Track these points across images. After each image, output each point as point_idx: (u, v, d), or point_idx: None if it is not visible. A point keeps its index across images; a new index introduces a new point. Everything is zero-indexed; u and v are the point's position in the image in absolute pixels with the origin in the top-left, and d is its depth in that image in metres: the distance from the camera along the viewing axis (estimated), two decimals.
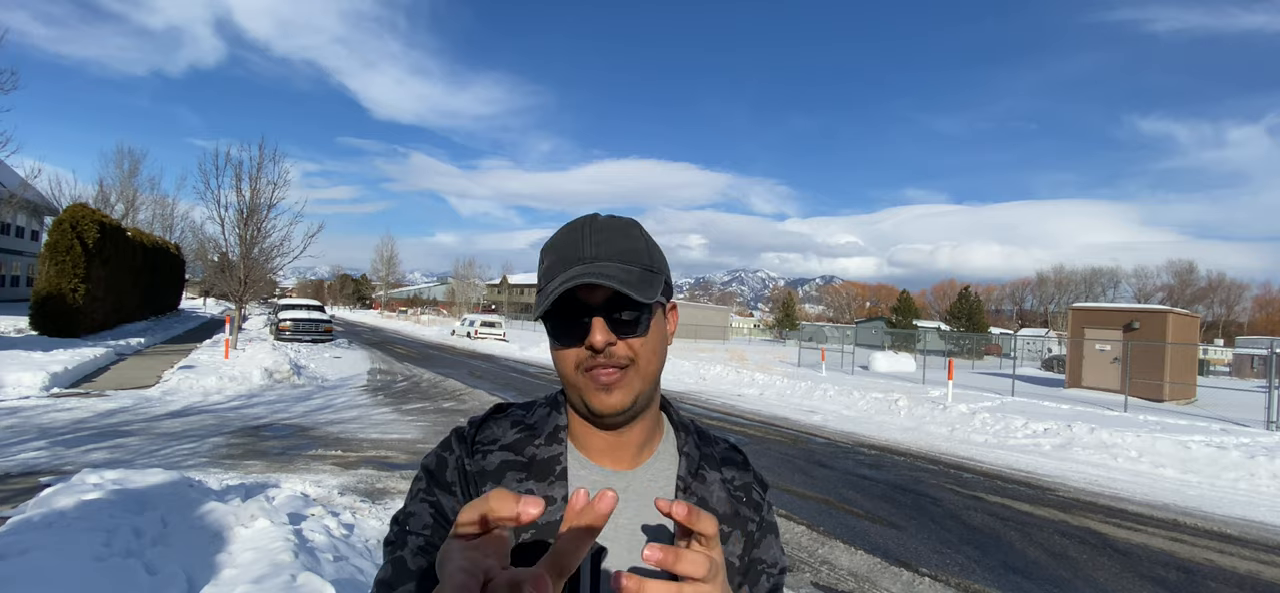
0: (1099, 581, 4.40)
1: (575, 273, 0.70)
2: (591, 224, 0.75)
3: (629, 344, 0.72)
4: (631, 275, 0.71)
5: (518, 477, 0.75)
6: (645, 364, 0.73)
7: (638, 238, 0.76)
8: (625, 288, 0.69)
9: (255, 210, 17.97)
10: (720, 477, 0.82)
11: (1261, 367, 34.59)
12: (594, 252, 0.72)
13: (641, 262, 0.74)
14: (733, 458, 0.86)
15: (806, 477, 6.96)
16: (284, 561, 3.21)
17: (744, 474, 0.85)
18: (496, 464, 0.76)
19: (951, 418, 11.22)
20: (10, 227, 31.71)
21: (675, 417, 0.85)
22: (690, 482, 0.79)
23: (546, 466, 0.76)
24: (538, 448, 0.77)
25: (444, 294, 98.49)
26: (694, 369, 18.25)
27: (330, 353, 19.35)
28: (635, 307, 0.72)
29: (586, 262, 0.72)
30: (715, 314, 62.74)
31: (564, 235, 0.75)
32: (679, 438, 0.83)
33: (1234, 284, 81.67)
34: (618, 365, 0.71)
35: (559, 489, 0.74)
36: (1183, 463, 8.28)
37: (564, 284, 0.69)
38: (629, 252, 0.74)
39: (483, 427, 0.80)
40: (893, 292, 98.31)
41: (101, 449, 6.38)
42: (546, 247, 0.77)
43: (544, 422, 0.80)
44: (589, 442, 0.78)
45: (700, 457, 0.82)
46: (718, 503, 0.80)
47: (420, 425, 8.90)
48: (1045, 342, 45.11)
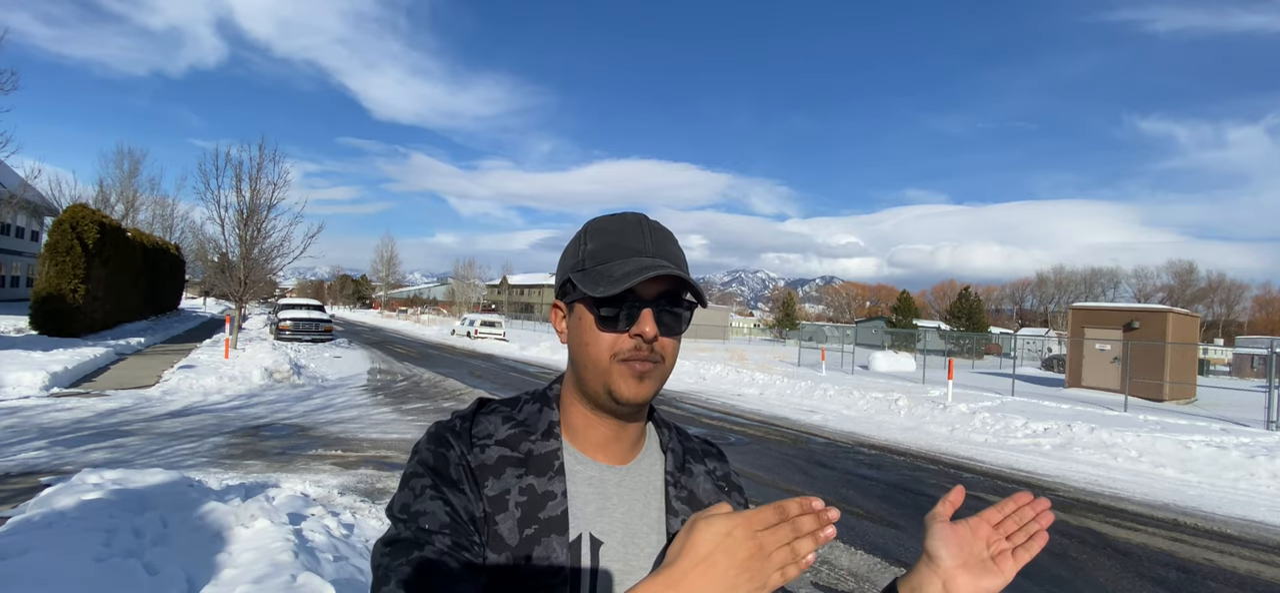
0: (1099, 581, 4.40)
1: (646, 263, 0.72)
2: (646, 221, 0.78)
3: (664, 343, 0.75)
4: (689, 278, 0.75)
5: (517, 472, 0.75)
6: (670, 364, 0.77)
7: (679, 246, 0.80)
8: (692, 286, 0.74)
9: (255, 210, 17.98)
10: (704, 468, 0.87)
11: (1261, 367, 34.60)
12: (655, 248, 0.75)
13: (686, 269, 0.77)
14: (711, 450, 0.91)
15: (806, 477, 6.95)
16: (284, 561, 3.21)
17: (723, 465, 0.90)
18: (495, 459, 0.75)
19: (951, 418, 11.22)
20: (10, 227, 31.71)
21: (655, 415, 0.87)
22: (679, 476, 0.83)
23: (545, 461, 0.76)
24: (534, 444, 0.77)
25: (444, 294, 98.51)
26: (694, 369, 18.25)
27: (330, 353, 19.35)
28: (682, 307, 0.76)
29: (649, 255, 0.74)
30: (715, 314, 62.73)
31: (619, 223, 0.78)
32: (661, 435, 0.86)
33: (1234, 284, 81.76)
34: (653, 360, 0.74)
35: (558, 484, 0.75)
36: (1183, 463, 8.28)
37: (642, 272, 0.70)
38: (678, 257, 0.78)
39: (475, 422, 0.79)
40: (893, 292, 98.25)
41: (101, 449, 6.38)
42: (594, 228, 0.78)
43: (536, 418, 0.80)
44: (587, 436, 0.79)
45: (684, 452, 0.86)
46: (705, 494, 0.84)
47: (420, 426, 8.90)
48: (1045, 342, 45.10)
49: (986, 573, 0.72)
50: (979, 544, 0.73)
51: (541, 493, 0.74)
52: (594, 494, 0.76)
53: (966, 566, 0.72)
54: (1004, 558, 0.73)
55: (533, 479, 0.74)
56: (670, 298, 0.74)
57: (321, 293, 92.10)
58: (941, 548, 0.73)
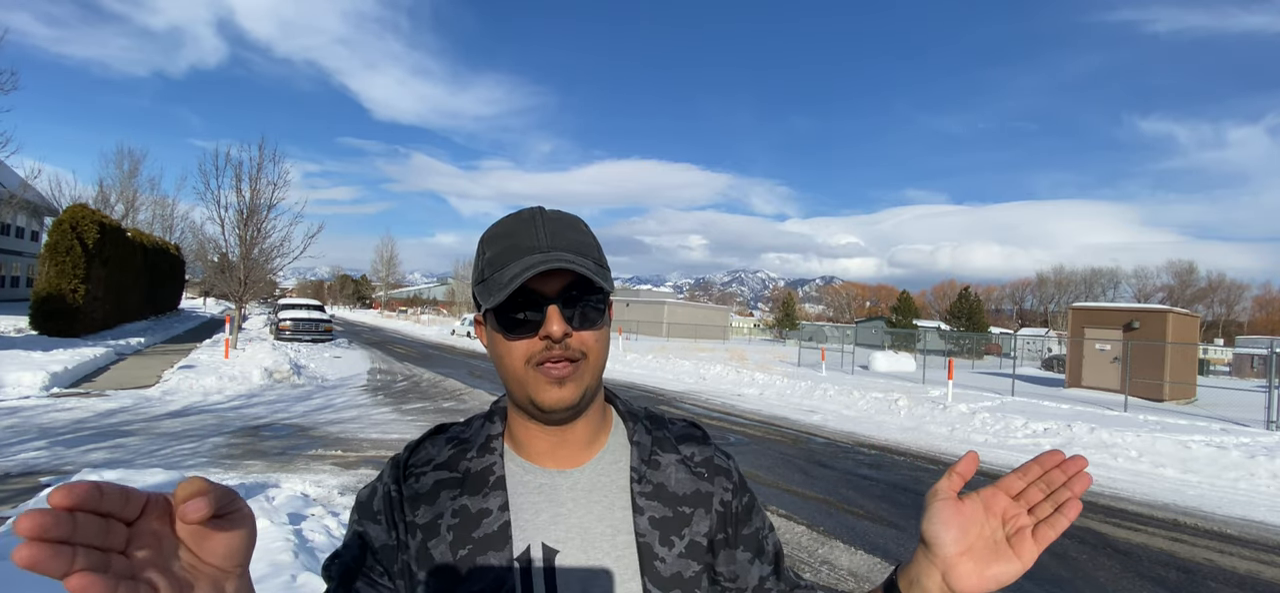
0: (1099, 581, 4.40)
1: (535, 260, 0.67)
2: (541, 214, 0.73)
3: (582, 337, 0.70)
4: (589, 265, 0.69)
5: (452, 494, 0.73)
6: (595, 359, 0.72)
7: (587, 231, 0.74)
8: (590, 273, 0.68)
9: (255, 210, 17.98)
10: (677, 456, 0.80)
11: (1261, 367, 34.59)
12: (549, 241, 0.69)
13: (593, 255, 0.72)
14: (691, 434, 0.84)
15: (806, 477, 6.95)
16: (284, 561, 3.21)
17: (705, 449, 0.83)
18: (430, 485, 0.74)
19: (951, 418, 11.22)
20: (10, 227, 31.69)
21: (622, 408, 0.83)
22: (644, 471, 0.77)
23: (479, 478, 0.74)
24: (470, 461, 0.75)
25: (444, 294, 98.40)
26: (694, 369, 18.25)
27: (330, 353, 19.34)
28: (591, 296, 0.70)
29: (542, 250, 0.68)
30: (715, 314, 62.71)
31: (511, 224, 0.72)
32: (628, 428, 0.81)
33: (1234, 284, 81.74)
34: (570, 359, 0.69)
35: (495, 499, 0.72)
36: (1183, 463, 8.28)
37: (527, 270, 0.66)
38: (581, 244, 0.72)
39: (417, 450, 0.78)
40: (893, 292, 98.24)
41: (101, 449, 6.38)
42: (489, 235, 0.73)
43: (477, 434, 0.78)
44: (531, 445, 0.76)
45: (652, 443, 0.80)
46: (677, 485, 0.78)
47: (420, 426, 8.90)
48: (1045, 342, 45.09)
49: (998, 557, 0.61)
50: (992, 522, 0.63)
51: (475, 512, 0.72)
52: (546, 502, 0.73)
53: (972, 550, 0.62)
54: (1023, 538, 0.61)
55: (466, 500, 0.73)
56: (579, 289, 0.69)
57: (321, 293, 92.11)
58: (942, 531, 0.62)
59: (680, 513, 0.77)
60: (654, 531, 0.74)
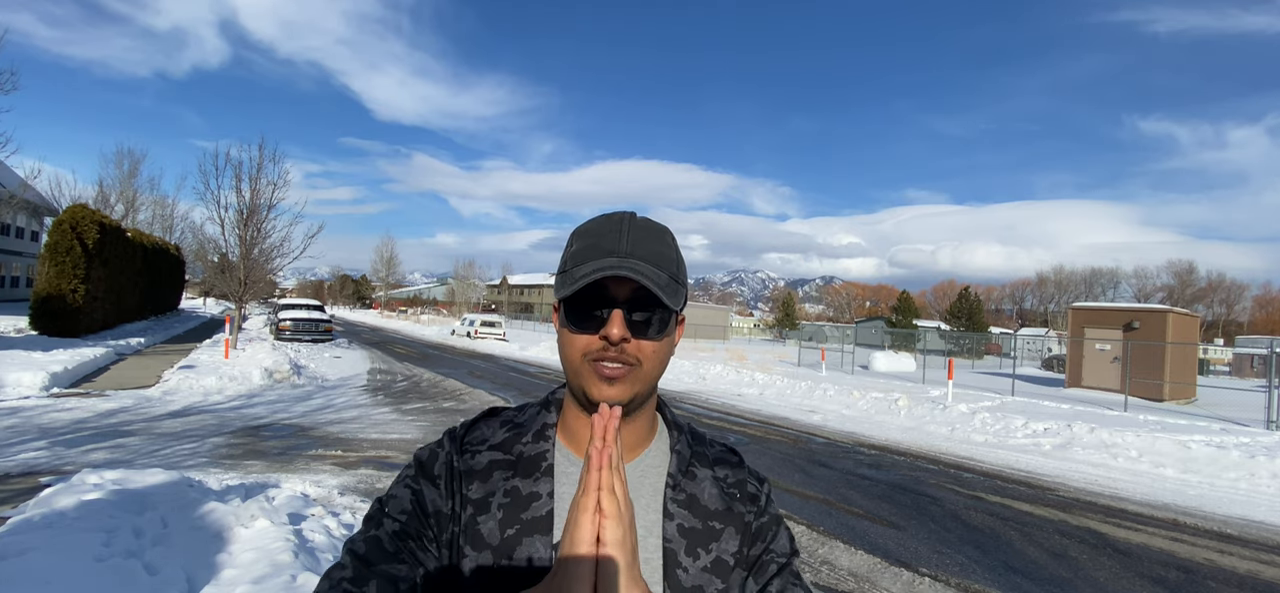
0: (1099, 580, 4.40)
1: (609, 263, 0.71)
2: (630, 220, 0.76)
3: (640, 346, 0.73)
4: (661, 279, 0.72)
5: (505, 474, 0.77)
6: (649, 369, 0.74)
7: (670, 245, 0.77)
8: (656, 288, 0.70)
9: (255, 211, 17.96)
10: (712, 474, 0.83)
11: (1261, 367, 34.56)
12: (629, 247, 0.73)
13: (670, 269, 0.75)
14: (727, 459, 0.88)
15: (806, 477, 6.95)
16: (284, 561, 3.21)
17: (738, 472, 0.86)
18: (485, 464, 0.78)
19: (951, 418, 11.22)
20: (10, 227, 31.67)
21: (669, 417, 0.86)
22: (680, 479, 0.81)
23: (532, 462, 0.78)
24: (525, 446, 0.79)
25: (444, 294, 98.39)
26: (694, 369, 18.25)
27: (330, 353, 19.34)
28: (657, 309, 0.73)
29: (620, 255, 0.72)
30: (715, 314, 62.72)
31: (600, 224, 0.76)
32: (672, 437, 0.84)
33: (1234, 284, 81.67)
34: (625, 363, 0.72)
35: (545, 485, 0.76)
36: (1183, 463, 8.28)
37: (597, 272, 0.70)
38: (661, 256, 0.74)
39: (473, 428, 0.82)
40: (893, 292, 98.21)
41: (102, 450, 6.38)
42: (578, 231, 0.77)
43: (532, 421, 0.82)
44: (582, 436, 0.79)
45: (691, 455, 0.84)
46: (709, 500, 0.81)
47: (420, 426, 8.90)
48: (1045, 342, 45.07)
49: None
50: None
51: (526, 494, 0.75)
52: None
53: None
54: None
55: (518, 481, 0.76)
56: (648, 299, 0.72)
57: (321, 293, 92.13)
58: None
59: (709, 528, 0.79)
60: (681, 539, 0.77)
